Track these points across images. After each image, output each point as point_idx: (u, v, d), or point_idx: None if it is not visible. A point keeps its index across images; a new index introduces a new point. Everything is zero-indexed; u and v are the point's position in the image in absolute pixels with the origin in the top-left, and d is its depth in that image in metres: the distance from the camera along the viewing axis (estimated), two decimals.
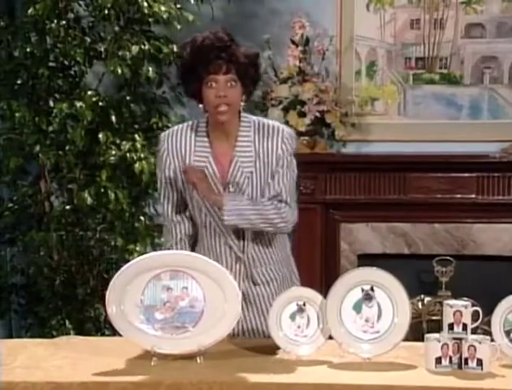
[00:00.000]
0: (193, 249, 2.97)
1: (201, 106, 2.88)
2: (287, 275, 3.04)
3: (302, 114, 4.69)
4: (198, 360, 2.57)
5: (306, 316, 2.63)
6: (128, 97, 4.36)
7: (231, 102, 2.83)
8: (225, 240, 2.93)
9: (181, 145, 2.91)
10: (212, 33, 2.84)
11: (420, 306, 4.49)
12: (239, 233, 2.93)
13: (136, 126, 4.41)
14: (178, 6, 4.36)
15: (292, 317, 2.64)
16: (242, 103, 2.88)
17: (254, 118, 2.96)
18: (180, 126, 2.95)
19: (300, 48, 4.71)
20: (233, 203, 2.84)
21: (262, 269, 2.98)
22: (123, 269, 2.62)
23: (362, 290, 2.60)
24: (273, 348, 2.63)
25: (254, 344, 2.75)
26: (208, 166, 2.88)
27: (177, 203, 2.95)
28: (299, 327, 2.63)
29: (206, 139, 2.90)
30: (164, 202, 2.97)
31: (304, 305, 2.63)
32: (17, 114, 4.25)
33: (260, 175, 2.90)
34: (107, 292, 2.60)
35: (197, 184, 2.85)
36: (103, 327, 4.31)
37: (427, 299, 4.53)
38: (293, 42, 4.71)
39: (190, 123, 2.96)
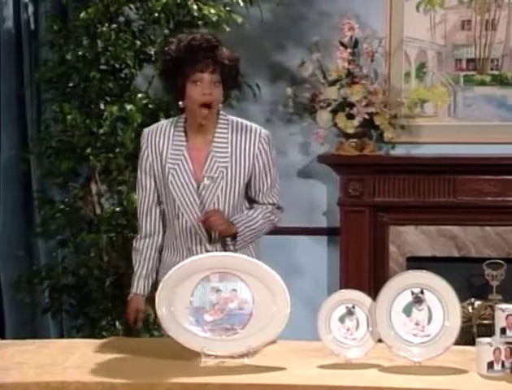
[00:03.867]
0: (163, 244, 3.07)
1: (180, 103, 2.99)
2: None
3: (351, 117, 4.67)
4: (247, 361, 2.57)
5: (356, 319, 2.62)
6: None
7: (214, 100, 2.96)
8: (195, 231, 3.01)
9: (159, 140, 3.03)
10: (199, 34, 2.98)
11: (470, 310, 4.44)
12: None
13: None
14: (227, 8, 4.37)
15: (342, 319, 2.63)
16: (220, 105, 3.00)
17: (232, 117, 3.08)
18: (162, 122, 3.10)
19: (349, 50, 4.68)
20: (243, 231, 2.98)
21: None
22: (172, 271, 2.64)
23: (412, 293, 2.59)
24: (319, 351, 2.62)
25: (301, 346, 2.74)
26: (182, 159, 3.00)
27: (152, 195, 3.05)
28: (348, 329, 2.62)
29: (182, 134, 3.03)
30: (140, 194, 3.07)
31: (353, 307, 2.62)
32: (69, 117, 4.29)
33: (235, 171, 3.01)
34: (157, 294, 2.62)
35: (222, 230, 2.97)
36: (152, 328, 4.33)
37: (477, 303, 4.48)
38: (342, 44, 4.69)
39: (171, 119, 3.08)
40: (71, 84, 4.39)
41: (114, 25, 4.30)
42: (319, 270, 4.88)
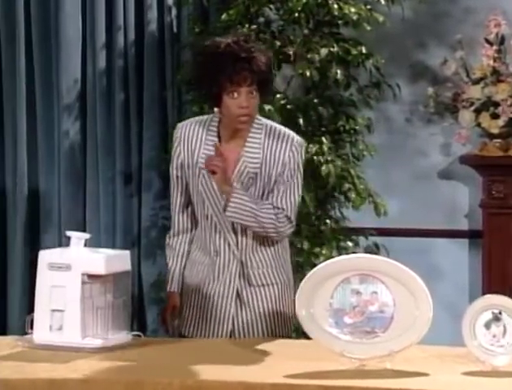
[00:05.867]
0: (193, 239, 3.04)
1: (216, 109, 2.94)
2: (286, 281, 3.04)
3: (495, 116, 4.55)
4: (388, 366, 2.52)
5: (502, 325, 2.54)
6: (315, 100, 4.37)
7: (251, 113, 2.90)
8: (224, 235, 2.96)
9: (193, 137, 2.98)
10: (235, 40, 2.88)
11: None
12: (237, 230, 2.95)
13: (323, 129, 4.41)
14: (368, 7, 4.32)
15: (488, 325, 2.55)
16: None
17: (267, 121, 3.01)
18: (196, 119, 3.03)
19: (495, 47, 4.56)
20: (239, 201, 2.87)
21: (259, 271, 2.99)
22: (312, 272, 2.63)
23: None
24: (463, 357, 2.54)
25: (444, 351, 2.66)
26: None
27: (185, 193, 3.02)
28: (495, 336, 2.54)
29: (215, 134, 2.97)
30: (172, 191, 3.04)
31: (500, 313, 2.54)
32: None
33: (264, 178, 2.94)
34: (297, 296, 2.61)
35: (216, 173, 2.86)
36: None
37: None
38: (488, 41, 4.57)
39: (205, 117, 3.02)
40: None
41: (254, 26, 4.33)
42: (460, 274, 4.79)
